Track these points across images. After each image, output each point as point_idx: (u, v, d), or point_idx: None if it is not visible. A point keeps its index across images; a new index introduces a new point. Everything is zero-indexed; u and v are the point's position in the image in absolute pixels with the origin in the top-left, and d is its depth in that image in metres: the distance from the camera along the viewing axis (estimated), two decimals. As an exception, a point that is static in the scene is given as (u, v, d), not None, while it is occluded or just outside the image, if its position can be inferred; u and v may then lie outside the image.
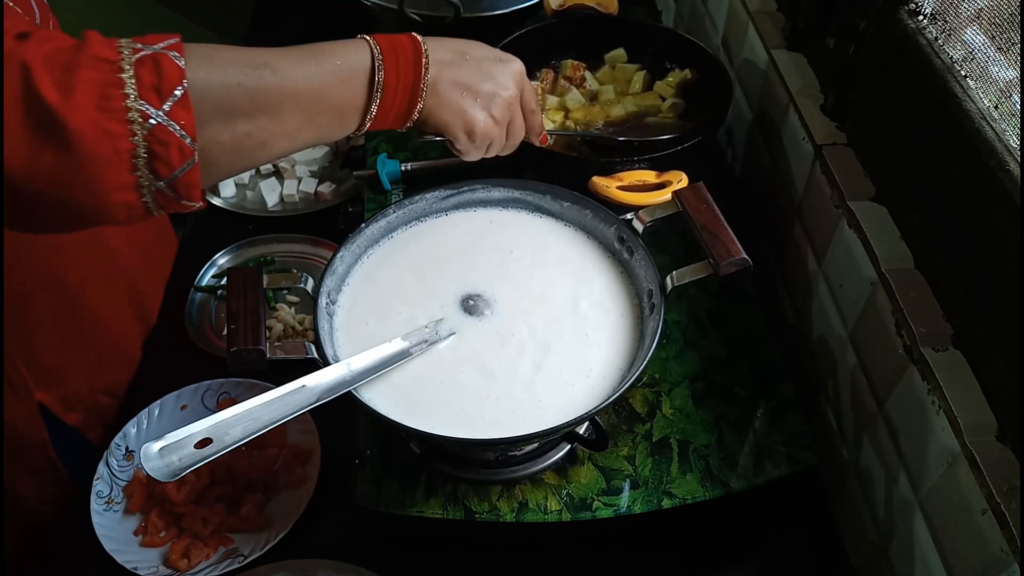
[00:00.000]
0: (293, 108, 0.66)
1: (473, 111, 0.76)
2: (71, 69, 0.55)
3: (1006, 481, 0.59)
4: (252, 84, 0.64)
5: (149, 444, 0.61)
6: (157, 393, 0.94)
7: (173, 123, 0.59)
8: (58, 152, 0.56)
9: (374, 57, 0.70)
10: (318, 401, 0.67)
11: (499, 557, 0.83)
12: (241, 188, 1.24)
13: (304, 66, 0.67)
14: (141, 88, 0.57)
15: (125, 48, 0.58)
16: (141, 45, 0.59)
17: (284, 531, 0.82)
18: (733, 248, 0.74)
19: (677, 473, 0.80)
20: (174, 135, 0.59)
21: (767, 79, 1.02)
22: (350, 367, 0.70)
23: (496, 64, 0.78)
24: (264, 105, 0.65)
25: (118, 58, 0.57)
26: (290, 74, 0.66)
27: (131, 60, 0.57)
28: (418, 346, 0.75)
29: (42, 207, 0.59)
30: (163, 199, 0.62)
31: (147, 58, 0.58)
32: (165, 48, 0.59)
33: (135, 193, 0.60)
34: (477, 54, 0.77)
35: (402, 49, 0.72)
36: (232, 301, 0.73)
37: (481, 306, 0.79)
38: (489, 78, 0.77)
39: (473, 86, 0.76)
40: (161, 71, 0.58)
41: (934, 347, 0.68)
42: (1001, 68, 0.67)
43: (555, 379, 0.74)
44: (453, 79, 0.75)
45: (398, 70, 0.71)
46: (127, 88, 0.57)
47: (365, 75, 0.70)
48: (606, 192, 0.90)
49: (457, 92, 0.75)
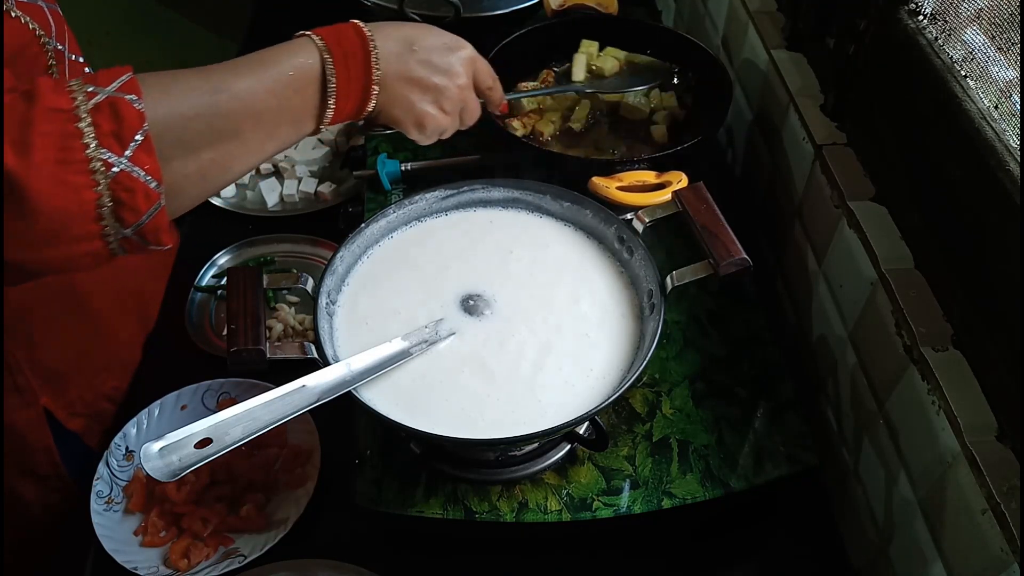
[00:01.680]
0: (253, 127, 0.66)
1: (423, 106, 0.76)
2: (26, 124, 0.54)
3: (1006, 481, 0.59)
4: (211, 111, 0.63)
5: (149, 444, 0.61)
6: (157, 393, 0.94)
7: (137, 168, 0.58)
8: (20, 219, 0.54)
9: (323, 59, 0.69)
10: (318, 401, 0.67)
11: (499, 557, 0.83)
12: (241, 188, 1.23)
13: (258, 82, 0.66)
14: (101, 136, 0.56)
15: (78, 94, 0.56)
16: (94, 88, 0.57)
17: (284, 531, 0.82)
18: (733, 248, 0.74)
19: (677, 473, 0.80)
20: (139, 180, 0.58)
21: (767, 79, 1.02)
22: (350, 367, 0.70)
23: (446, 53, 0.77)
24: (225, 130, 0.64)
25: (72, 106, 0.56)
26: (246, 94, 0.65)
27: (87, 107, 0.56)
28: (418, 346, 0.75)
29: (8, 270, 0.58)
30: (129, 245, 0.61)
31: (103, 104, 0.57)
32: (120, 90, 0.58)
33: (101, 242, 0.59)
34: (426, 43, 0.76)
35: (350, 47, 0.71)
36: (232, 301, 0.73)
37: (481, 306, 0.79)
38: (439, 70, 0.76)
39: (423, 80, 0.75)
40: (120, 117, 0.57)
41: (934, 347, 0.68)
42: (1001, 68, 0.67)
43: (555, 379, 0.74)
44: (402, 74, 0.74)
45: (348, 70, 0.71)
46: (86, 138, 0.56)
47: (317, 80, 0.69)
48: (606, 192, 0.90)
49: (407, 88, 0.75)
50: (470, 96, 0.81)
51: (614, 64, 1.09)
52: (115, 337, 1.05)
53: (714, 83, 1.03)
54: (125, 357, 1.07)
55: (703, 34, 1.26)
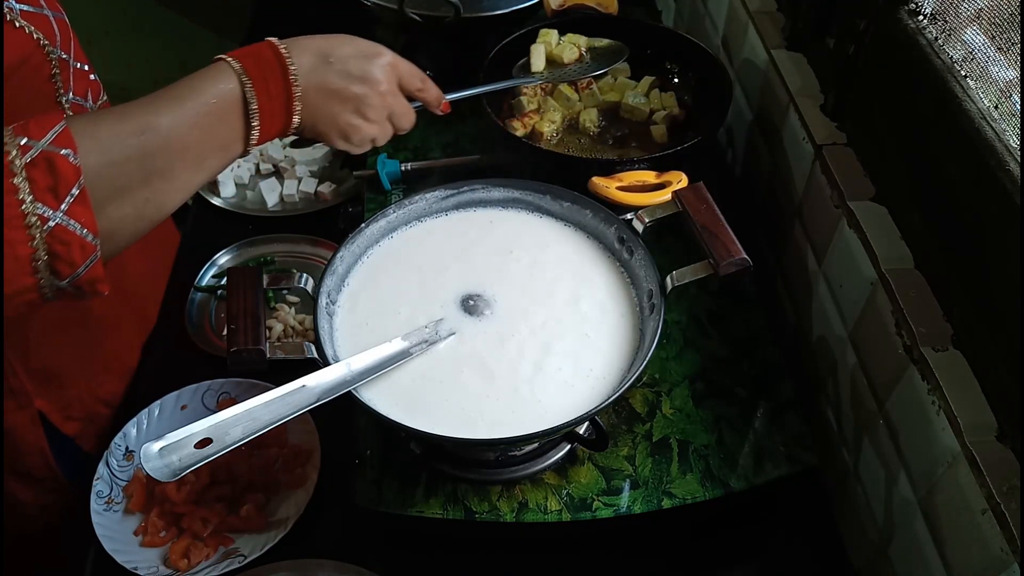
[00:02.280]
0: (183, 163, 0.67)
1: (346, 117, 0.76)
2: None
3: (1006, 481, 0.59)
4: (141, 154, 0.63)
5: (149, 444, 0.61)
6: (157, 393, 0.94)
7: (73, 222, 0.58)
8: None
9: (243, 83, 0.69)
10: (318, 401, 0.67)
11: (499, 557, 0.83)
12: (241, 188, 1.24)
13: (182, 117, 0.66)
14: (36, 191, 0.56)
15: (11, 147, 0.57)
16: (27, 140, 0.57)
17: (284, 531, 0.82)
18: (733, 248, 0.74)
19: (677, 473, 0.80)
20: (74, 234, 0.59)
21: (767, 79, 1.02)
22: (350, 367, 0.70)
23: (363, 61, 0.77)
24: (156, 169, 0.65)
25: (7, 161, 0.56)
26: (173, 130, 0.65)
27: (22, 164, 0.56)
28: (418, 346, 0.75)
29: None
30: (65, 295, 0.61)
31: (39, 159, 0.57)
32: (54, 143, 0.58)
33: (36, 294, 0.59)
34: (342, 53, 0.76)
35: (268, 67, 0.71)
36: (232, 301, 0.73)
37: (481, 306, 0.79)
38: (358, 79, 0.76)
39: (343, 91, 0.75)
40: (56, 171, 0.57)
41: (934, 347, 0.68)
42: (1001, 68, 0.67)
43: (555, 379, 0.74)
44: (322, 87, 0.74)
45: (268, 91, 0.71)
46: (21, 193, 0.56)
47: (239, 105, 0.69)
48: (606, 192, 0.90)
49: (328, 101, 0.75)
50: (396, 101, 0.80)
51: (573, 52, 1.07)
52: (114, 340, 1.05)
53: (714, 83, 1.03)
54: (124, 360, 1.06)
55: (703, 34, 1.26)
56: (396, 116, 0.81)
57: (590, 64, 1.07)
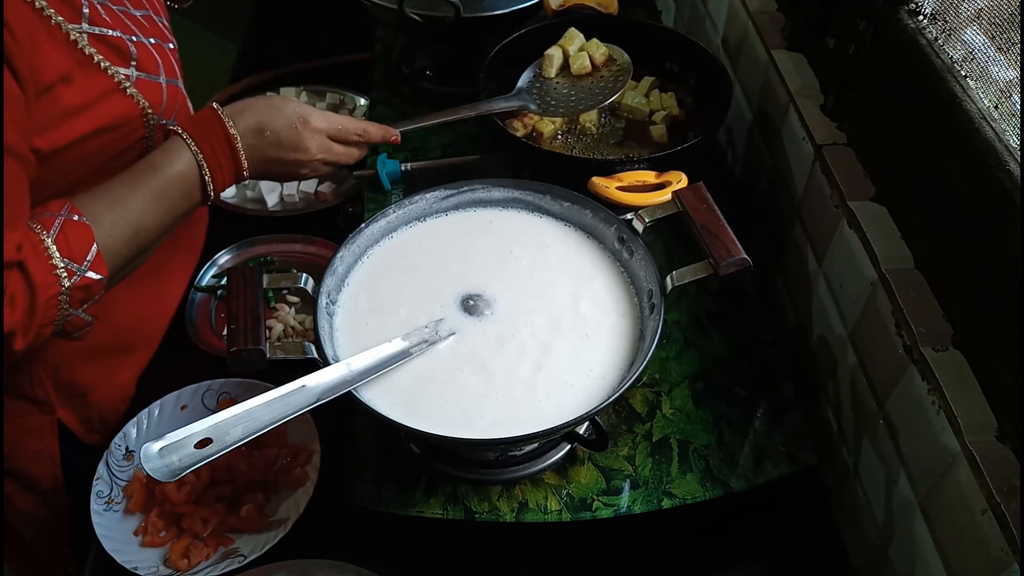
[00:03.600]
0: (162, 235, 0.85)
1: (286, 175, 0.94)
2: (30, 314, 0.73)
3: (1006, 481, 0.59)
4: (135, 252, 0.82)
5: (149, 444, 0.61)
6: (157, 393, 0.94)
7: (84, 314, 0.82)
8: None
9: (198, 162, 0.84)
10: (318, 401, 0.67)
11: (499, 557, 0.83)
12: (241, 188, 1.23)
13: (159, 207, 0.82)
14: (73, 303, 0.76)
15: (61, 271, 0.74)
16: (68, 265, 0.75)
17: (284, 531, 0.82)
18: (733, 248, 0.74)
19: (677, 473, 0.80)
20: (82, 319, 0.84)
21: (767, 79, 1.02)
22: (350, 367, 0.71)
23: (293, 132, 0.90)
24: (145, 249, 0.84)
25: (60, 291, 0.75)
26: (154, 222, 0.82)
27: (67, 286, 0.75)
28: (418, 346, 0.75)
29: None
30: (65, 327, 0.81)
31: (80, 285, 0.76)
32: (92, 267, 0.76)
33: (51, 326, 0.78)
34: (276, 127, 0.89)
35: (217, 143, 0.85)
36: (232, 301, 0.73)
37: (481, 306, 0.79)
38: (290, 148, 0.90)
39: (279, 158, 0.90)
40: (91, 292, 0.77)
41: (934, 347, 0.68)
42: (1001, 68, 0.67)
43: (555, 379, 0.74)
44: (261, 158, 0.89)
45: (220, 165, 0.86)
46: (62, 305, 0.75)
47: (197, 179, 0.85)
48: (606, 192, 0.90)
49: (269, 167, 0.91)
50: (333, 152, 0.95)
51: (585, 63, 1.06)
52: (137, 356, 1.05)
53: (714, 83, 1.03)
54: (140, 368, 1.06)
55: (703, 34, 1.26)
56: (339, 160, 0.96)
57: (590, 92, 1.04)
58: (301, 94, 1.37)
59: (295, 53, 1.44)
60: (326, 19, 1.52)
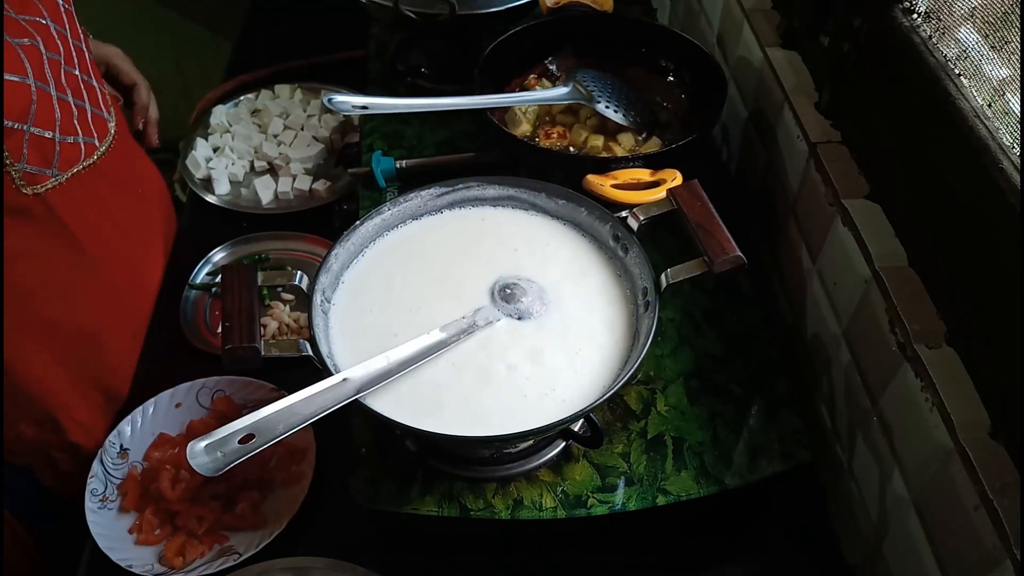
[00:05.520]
0: None
1: None
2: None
3: (999, 478, 0.60)
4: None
5: (195, 442, 0.61)
6: (152, 391, 0.94)
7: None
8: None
9: None
10: (358, 394, 0.67)
11: (494, 554, 0.83)
12: (236, 185, 1.23)
13: None
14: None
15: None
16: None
17: (279, 529, 0.82)
18: (728, 246, 0.75)
19: (672, 470, 0.81)
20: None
21: (762, 77, 1.02)
22: (388, 359, 0.71)
23: None
24: None
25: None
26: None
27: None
28: (455, 336, 0.75)
29: None
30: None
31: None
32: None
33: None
34: None
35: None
36: (227, 299, 0.73)
37: (518, 294, 0.79)
38: None
39: None
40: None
41: (927, 344, 0.69)
42: (994, 66, 0.67)
43: (549, 376, 0.74)
44: None
45: None
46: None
47: None
48: (600, 190, 0.90)
49: None
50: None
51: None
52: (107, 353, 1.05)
53: (709, 81, 1.03)
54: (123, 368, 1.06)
55: (698, 32, 1.26)
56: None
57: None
58: (295, 91, 1.37)
59: (289, 50, 1.43)
60: (321, 16, 1.52)
